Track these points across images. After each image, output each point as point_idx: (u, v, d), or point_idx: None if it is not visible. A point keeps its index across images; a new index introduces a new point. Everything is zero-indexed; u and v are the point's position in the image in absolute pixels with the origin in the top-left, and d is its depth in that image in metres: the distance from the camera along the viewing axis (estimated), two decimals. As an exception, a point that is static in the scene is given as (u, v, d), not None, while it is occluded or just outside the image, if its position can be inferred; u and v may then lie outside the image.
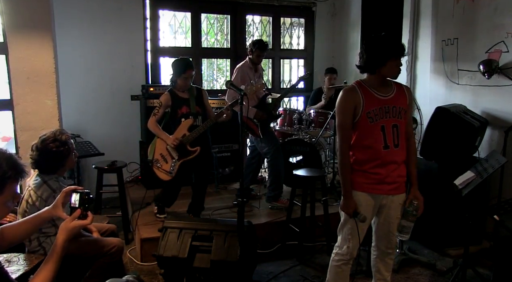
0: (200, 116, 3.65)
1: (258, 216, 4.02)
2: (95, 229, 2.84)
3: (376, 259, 2.57)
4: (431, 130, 3.61)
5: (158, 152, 3.63)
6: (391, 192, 2.40)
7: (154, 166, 3.63)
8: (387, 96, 2.34)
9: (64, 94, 4.26)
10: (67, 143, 2.54)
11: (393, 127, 2.33)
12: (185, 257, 2.78)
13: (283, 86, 6.23)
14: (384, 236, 2.51)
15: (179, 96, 3.64)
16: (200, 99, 3.69)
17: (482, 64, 3.69)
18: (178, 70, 3.57)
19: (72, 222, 1.54)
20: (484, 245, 3.73)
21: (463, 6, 4.05)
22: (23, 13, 3.65)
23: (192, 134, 3.55)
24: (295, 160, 4.69)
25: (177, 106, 3.62)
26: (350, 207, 2.38)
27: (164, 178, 3.64)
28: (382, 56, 2.26)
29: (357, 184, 2.40)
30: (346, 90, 2.38)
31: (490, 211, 3.08)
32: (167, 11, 5.42)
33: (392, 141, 2.33)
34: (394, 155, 2.35)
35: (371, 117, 2.31)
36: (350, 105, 2.33)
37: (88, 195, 1.60)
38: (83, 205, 1.57)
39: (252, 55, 4.13)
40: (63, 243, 1.51)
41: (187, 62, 3.60)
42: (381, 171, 2.35)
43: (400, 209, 2.46)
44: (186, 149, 3.58)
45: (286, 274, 3.34)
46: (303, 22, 6.21)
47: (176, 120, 3.62)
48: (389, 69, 2.29)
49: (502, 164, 2.88)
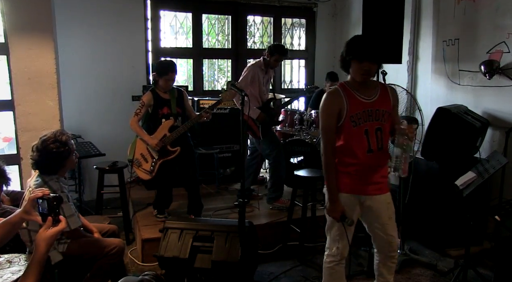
0: (180, 117, 3.69)
1: (259, 217, 4.01)
2: (96, 230, 2.84)
3: (379, 264, 2.54)
4: (432, 131, 3.60)
5: (139, 152, 3.70)
6: (376, 192, 2.38)
7: (134, 165, 3.69)
8: (370, 99, 2.31)
9: (65, 95, 4.27)
10: (67, 143, 2.54)
11: (377, 131, 2.31)
12: (186, 258, 2.79)
13: (284, 87, 6.23)
14: (384, 241, 2.46)
15: (161, 96, 3.68)
16: (180, 101, 3.74)
17: (483, 65, 3.68)
18: (160, 71, 3.61)
19: (48, 231, 1.51)
20: (485, 245, 3.72)
21: (464, 6, 4.05)
22: (24, 14, 3.66)
23: (172, 135, 3.59)
24: (296, 160, 4.69)
25: (158, 107, 3.66)
26: (337, 211, 2.35)
27: (144, 177, 3.73)
28: (346, 57, 2.27)
29: (342, 185, 2.39)
30: (330, 93, 2.37)
31: (491, 212, 3.08)
32: (168, 11, 5.43)
33: (376, 144, 2.32)
34: (378, 158, 2.34)
35: (355, 121, 2.29)
36: (334, 108, 2.32)
37: (55, 199, 1.55)
38: (53, 211, 1.53)
39: (270, 58, 4.09)
40: (46, 254, 1.49)
41: (170, 64, 3.64)
42: (365, 173, 2.34)
43: (389, 208, 2.42)
44: (166, 149, 3.63)
45: (287, 274, 3.34)
46: (304, 22, 6.21)
47: (157, 120, 3.66)
48: (353, 71, 2.27)
49: (503, 164, 2.88)
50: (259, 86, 4.08)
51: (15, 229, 1.74)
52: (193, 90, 5.59)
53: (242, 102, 2.69)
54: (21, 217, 1.64)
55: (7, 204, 2.79)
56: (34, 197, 1.58)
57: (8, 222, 1.67)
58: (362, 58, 2.21)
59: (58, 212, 1.55)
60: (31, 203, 1.60)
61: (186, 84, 5.64)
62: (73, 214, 2.52)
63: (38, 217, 1.58)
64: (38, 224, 1.57)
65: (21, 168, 3.82)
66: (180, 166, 3.76)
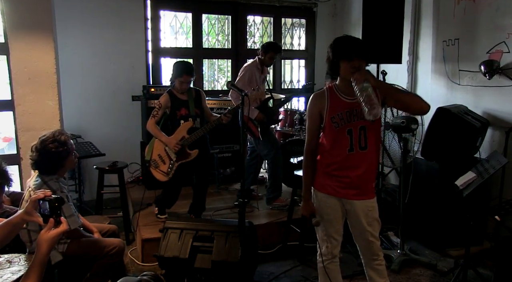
0: (198, 118, 3.65)
1: (259, 217, 4.01)
2: (96, 230, 2.84)
3: (365, 267, 2.53)
4: (432, 131, 3.61)
5: (156, 153, 3.65)
6: (354, 197, 2.35)
7: (151, 167, 3.65)
8: (354, 99, 2.27)
9: (65, 95, 4.27)
10: (66, 143, 2.53)
11: (360, 129, 2.29)
12: (186, 258, 2.79)
13: (284, 86, 6.23)
14: (363, 244, 2.45)
15: (178, 98, 3.64)
16: (198, 101, 3.70)
17: (483, 65, 3.68)
18: (176, 73, 3.59)
19: (50, 232, 1.51)
20: (485, 245, 3.72)
21: (464, 6, 4.05)
22: (24, 14, 3.66)
23: (191, 137, 3.56)
24: (296, 160, 4.68)
25: (176, 108, 3.62)
26: (307, 209, 2.43)
27: (160, 179, 3.66)
28: (334, 59, 2.26)
29: (322, 186, 2.40)
30: (314, 95, 2.40)
31: (491, 212, 3.08)
32: (168, 11, 5.42)
33: (358, 143, 2.30)
34: (359, 158, 2.31)
35: (336, 123, 2.29)
36: (315, 110, 2.35)
37: (57, 200, 1.56)
38: (54, 213, 1.54)
39: (264, 57, 4.11)
40: (47, 255, 1.50)
41: (186, 66, 3.60)
42: (345, 173, 2.33)
43: (369, 216, 2.37)
44: (185, 151, 3.59)
45: (287, 274, 3.34)
46: (304, 22, 6.21)
47: (175, 122, 3.63)
48: (343, 71, 2.25)
49: (503, 164, 2.87)
50: (257, 85, 4.09)
51: (16, 230, 1.74)
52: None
53: (242, 102, 2.69)
54: (22, 218, 1.64)
55: (7, 204, 2.79)
56: (36, 198, 1.58)
57: (9, 223, 1.67)
58: (350, 56, 2.20)
59: (60, 214, 1.55)
60: (32, 204, 1.60)
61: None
62: (73, 214, 2.52)
63: (40, 218, 1.59)
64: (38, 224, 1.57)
65: (21, 168, 3.82)
66: (195, 168, 3.73)
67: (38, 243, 1.50)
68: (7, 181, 1.45)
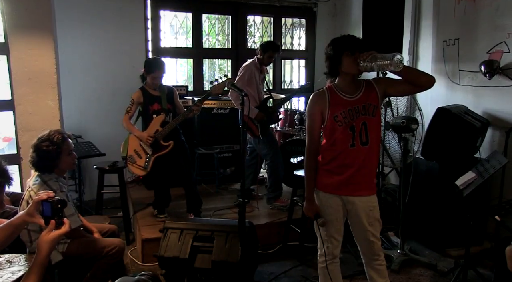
0: (171, 113, 3.75)
1: (259, 217, 4.02)
2: (96, 230, 2.84)
3: (366, 266, 2.52)
4: (432, 131, 3.61)
5: (132, 148, 3.74)
6: (355, 193, 2.35)
7: (128, 162, 3.73)
8: (354, 97, 2.30)
9: (65, 95, 4.27)
10: (58, 143, 2.52)
11: (362, 125, 2.30)
12: (186, 258, 2.79)
13: (284, 86, 6.23)
14: (364, 244, 2.45)
15: (151, 93, 3.73)
16: (171, 97, 3.80)
17: (483, 65, 3.69)
18: (148, 69, 3.67)
19: (51, 234, 1.51)
20: (485, 245, 3.72)
21: (464, 6, 4.05)
22: (24, 14, 3.66)
23: (164, 129, 3.64)
24: (296, 160, 4.68)
25: (148, 103, 3.72)
26: (311, 210, 2.42)
27: (139, 174, 3.80)
28: (336, 55, 2.26)
29: (323, 185, 2.40)
30: (314, 94, 2.40)
31: (491, 212, 3.08)
32: (168, 11, 5.43)
33: (359, 138, 2.30)
34: (360, 153, 2.31)
35: (340, 121, 2.29)
36: (316, 110, 2.35)
37: (59, 202, 1.56)
38: (56, 214, 1.54)
39: (263, 56, 4.13)
40: (48, 256, 1.50)
41: (158, 63, 3.68)
42: (346, 169, 2.32)
43: (370, 215, 2.37)
44: (159, 143, 3.67)
45: (287, 274, 3.34)
46: (304, 22, 6.21)
47: (148, 117, 3.72)
48: (346, 66, 2.26)
49: (503, 164, 2.88)
50: (256, 85, 4.10)
51: (17, 231, 1.73)
52: (193, 90, 5.59)
53: (242, 102, 2.69)
54: (24, 219, 1.64)
55: (7, 204, 2.79)
56: (38, 200, 1.58)
57: (11, 224, 1.66)
58: (353, 50, 2.22)
59: (62, 215, 1.55)
60: (35, 206, 1.59)
61: (186, 84, 5.63)
62: (73, 213, 2.52)
63: (41, 219, 1.58)
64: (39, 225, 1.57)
65: (21, 168, 3.82)
66: (175, 162, 3.78)
67: (38, 244, 1.50)
68: (7, 179, 1.44)
